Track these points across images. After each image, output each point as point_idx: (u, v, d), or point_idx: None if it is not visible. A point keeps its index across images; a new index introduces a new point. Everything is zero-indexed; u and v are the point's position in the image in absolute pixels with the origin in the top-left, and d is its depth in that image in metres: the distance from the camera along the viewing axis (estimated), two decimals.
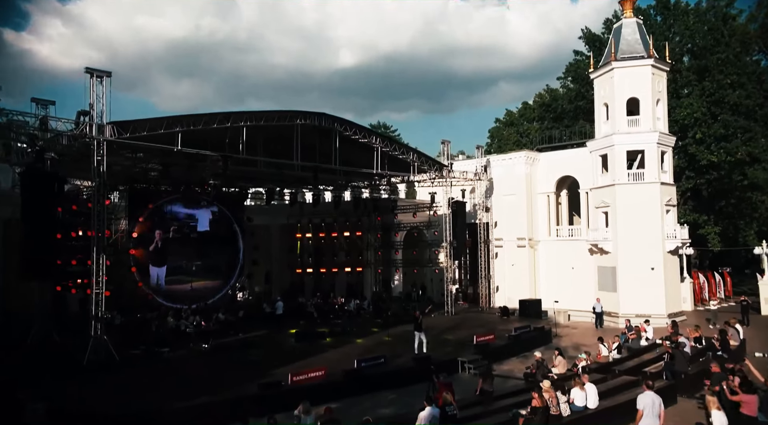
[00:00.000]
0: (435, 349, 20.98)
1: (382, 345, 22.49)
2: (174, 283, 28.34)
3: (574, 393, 12.32)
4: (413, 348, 20.01)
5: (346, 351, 21.38)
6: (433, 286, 38.17)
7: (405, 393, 16.93)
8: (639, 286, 28.47)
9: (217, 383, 16.69)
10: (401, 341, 23.00)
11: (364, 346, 22.53)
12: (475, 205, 35.63)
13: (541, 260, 34.66)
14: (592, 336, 26.20)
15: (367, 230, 35.43)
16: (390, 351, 20.48)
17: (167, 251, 28.19)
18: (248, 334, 24.20)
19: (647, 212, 28.69)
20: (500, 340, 22.81)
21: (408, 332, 24.60)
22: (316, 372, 16.89)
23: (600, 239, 30.16)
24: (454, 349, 21.48)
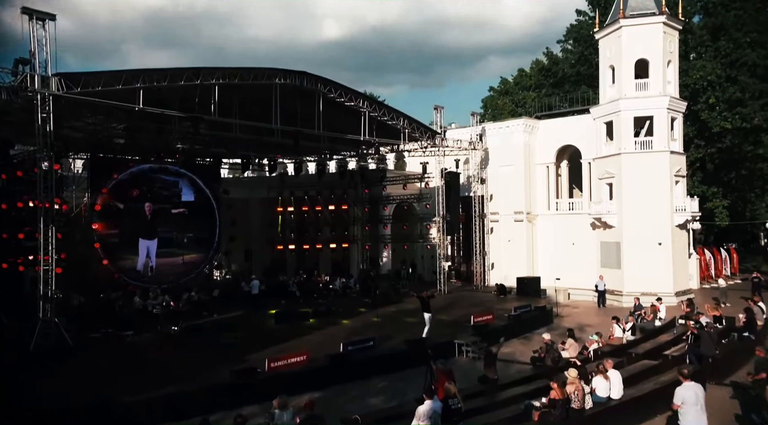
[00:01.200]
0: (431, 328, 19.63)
1: (371, 326, 21.29)
2: (164, 256, 27.45)
3: (597, 382, 10.87)
4: (423, 332, 18.68)
5: (331, 333, 20.13)
6: (423, 263, 36.92)
7: (397, 379, 15.72)
8: (645, 262, 27.40)
9: (184, 370, 15.15)
10: (391, 322, 21.91)
11: (351, 328, 21.32)
12: (469, 177, 34.22)
13: (539, 235, 33.51)
14: (595, 315, 25.56)
15: (354, 203, 34.04)
16: (379, 333, 19.27)
17: (156, 223, 27.31)
18: (223, 315, 22.84)
19: (655, 183, 27.48)
20: (499, 321, 21.64)
21: (398, 312, 23.39)
22: (297, 357, 15.44)
23: (603, 213, 28.98)
24: (449, 331, 20.24)
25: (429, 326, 18.92)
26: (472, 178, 33.73)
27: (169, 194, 28.47)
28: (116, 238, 25.93)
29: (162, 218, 27.67)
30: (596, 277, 29.23)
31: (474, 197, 32.87)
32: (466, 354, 18.26)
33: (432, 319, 19.27)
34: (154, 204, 27.40)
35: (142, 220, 26.79)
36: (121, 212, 25.97)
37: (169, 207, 28.24)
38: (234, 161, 35.05)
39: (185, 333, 20.18)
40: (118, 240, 25.95)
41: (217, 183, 31.78)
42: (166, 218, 27.87)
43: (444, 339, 18.90)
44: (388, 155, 32.67)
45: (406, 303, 26.76)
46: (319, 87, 24.40)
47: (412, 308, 24.72)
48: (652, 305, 20.52)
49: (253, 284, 26.02)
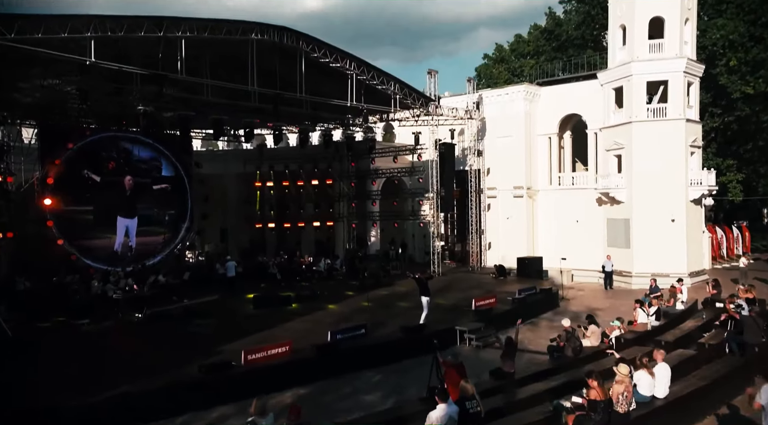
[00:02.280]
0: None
1: (361, 311, 19.93)
2: (144, 235, 26.75)
3: (639, 377, 9.36)
4: (420, 318, 17.33)
5: (317, 320, 18.73)
6: (414, 243, 35.60)
7: (392, 372, 14.50)
8: (657, 241, 26.25)
9: (147, 365, 13.55)
10: (382, 307, 20.62)
11: (339, 313, 19.91)
12: (464, 149, 32.81)
13: (540, 212, 32.20)
14: (603, 298, 24.67)
15: (339, 177, 32.72)
16: (370, 319, 17.90)
17: (137, 200, 26.63)
18: (194, 300, 21.29)
19: (669, 154, 26.18)
20: (503, 304, 20.38)
21: (390, 296, 22.07)
22: (279, 347, 13.96)
23: (611, 187, 27.70)
24: (448, 316, 18.88)
25: (427, 311, 17.56)
26: (467, 150, 32.33)
27: (148, 167, 27.37)
28: (90, 215, 24.78)
29: (141, 193, 26.75)
30: (602, 257, 28.09)
31: (470, 171, 31.45)
32: (469, 342, 16.97)
33: (431, 303, 17.75)
34: (134, 178, 26.43)
35: (121, 196, 25.75)
36: (97, 186, 24.81)
37: (150, 182, 27.27)
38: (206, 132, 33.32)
39: (150, 320, 18.62)
40: (93, 218, 24.87)
41: (188, 156, 30.09)
42: (146, 193, 26.93)
43: (443, 326, 17.56)
44: (376, 126, 30.91)
45: (398, 286, 25.63)
46: (301, 45, 22.54)
47: (404, 292, 23.72)
48: (672, 287, 19.20)
49: (229, 266, 24.41)
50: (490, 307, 19.52)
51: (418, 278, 17.95)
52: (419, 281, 17.80)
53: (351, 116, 28.74)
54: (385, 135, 30.86)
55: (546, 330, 18.95)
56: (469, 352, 16.37)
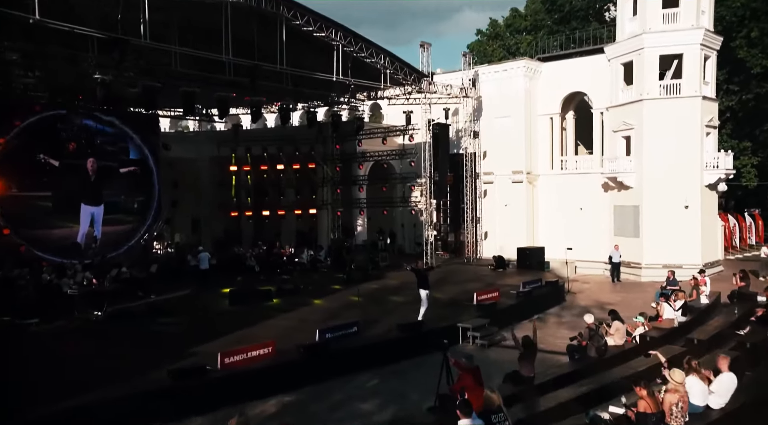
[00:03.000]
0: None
1: (350, 307, 18.95)
2: (111, 224, 25.82)
3: (691, 383, 8.35)
4: (419, 314, 16.50)
5: (302, 317, 17.73)
6: (404, 233, 34.85)
7: (390, 375, 13.52)
8: (669, 229, 25.55)
9: (108, 370, 12.37)
10: (373, 302, 19.71)
11: (326, 309, 18.96)
12: (458, 131, 32.00)
13: (541, 199, 31.45)
14: (611, 292, 24.13)
15: (323, 161, 31.57)
16: (362, 315, 16.96)
17: (103, 185, 25.70)
18: (163, 296, 20.28)
19: (683, 135, 25.40)
20: (506, 298, 19.52)
21: (381, 290, 21.26)
22: (260, 349, 12.84)
23: (620, 171, 26.93)
24: (447, 311, 18.00)
25: (426, 306, 16.62)
26: (462, 132, 31.43)
27: (114, 149, 26.25)
28: (48, 201, 23.61)
29: (107, 178, 25.76)
30: (608, 247, 27.46)
31: (465, 155, 30.53)
32: (473, 341, 16.01)
33: (430, 297, 16.81)
34: (98, 161, 25.17)
35: (84, 181, 24.74)
36: (56, 170, 23.54)
37: (117, 165, 26.29)
38: (175, 111, 31.90)
39: (111, 319, 17.34)
40: (52, 205, 23.67)
41: (156, 136, 28.72)
42: (112, 178, 25.99)
43: (444, 323, 16.61)
44: (363, 105, 29.78)
45: (389, 279, 24.82)
46: (282, 11, 21.14)
47: (397, 285, 22.97)
48: (693, 278, 18.34)
49: (202, 258, 23.22)
50: (493, 302, 18.62)
51: (417, 269, 17.06)
52: (418, 272, 16.88)
53: (336, 94, 27.44)
54: (372, 116, 29.81)
55: (555, 326, 18.20)
56: (474, 352, 15.02)
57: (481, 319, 16.82)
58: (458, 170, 31.17)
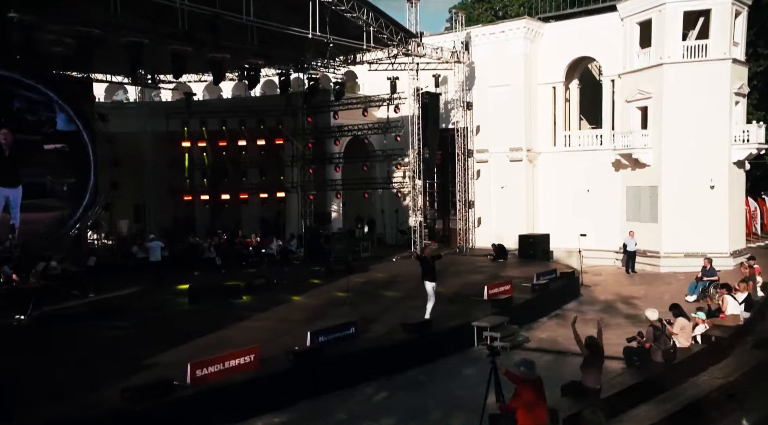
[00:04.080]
0: None
1: (337, 304, 17.58)
2: (32, 210, 24.19)
3: None
4: (425, 311, 15.14)
5: (282, 317, 16.24)
6: (384, 220, 33.45)
7: (399, 386, 12.22)
8: (691, 213, 24.74)
9: (37, 390, 10.36)
10: (364, 298, 18.39)
11: (309, 308, 17.43)
12: (447, 103, 30.75)
13: (541, 180, 30.45)
14: (630, 284, 23.56)
15: (293, 136, 29.84)
16: (353, 314, 15.67)
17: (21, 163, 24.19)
18: (104, 295, 18.73)
19: (709, 103, 24.50)
20: (521, 292, 18.45)
21: (368, 284, 20.23)
22: (241, 357, 11.22)
23: (635, 147, 26.01)
24: (454, 308, 16.68)
25: (434, 301, 15.20)
26: (451, 104, 30.28)
27: (37, 120, 24.55)
28: None
29: (27, 155, 24.20)
30: (619, 234, 27.00)
31: (456, 131, 29.29)
32: (491, 343, 14.45)
33: (436, 290, 15.39)
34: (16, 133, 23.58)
35: None
36: None
37: (40, 140, 24.71)
38: (113, 78, 29.63)
39: (40, 323, 15.38)
40: None
41: (90, 105, 26.66)
42: (34, 155, 24.43)
43: (456, 321, 15.35)
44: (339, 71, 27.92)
45: (376, 272, 23.57)
46: None
47: (386, 279, 21.95)
48: (746, 267, 17.24)
49: (153, 248, 21.38)
50: (508, 296, 17.30)
51: (423, 257, 15.53)
52: (423, 261, 15.40)
53: (309, 56, 25.51)
54: (347, 84, 28.02)
55: (580, 325, 16.58)
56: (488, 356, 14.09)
57: (498, 317, 15.59)
58: (447, 148, 30.09)
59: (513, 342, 14.75)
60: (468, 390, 11.58)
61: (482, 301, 17.16)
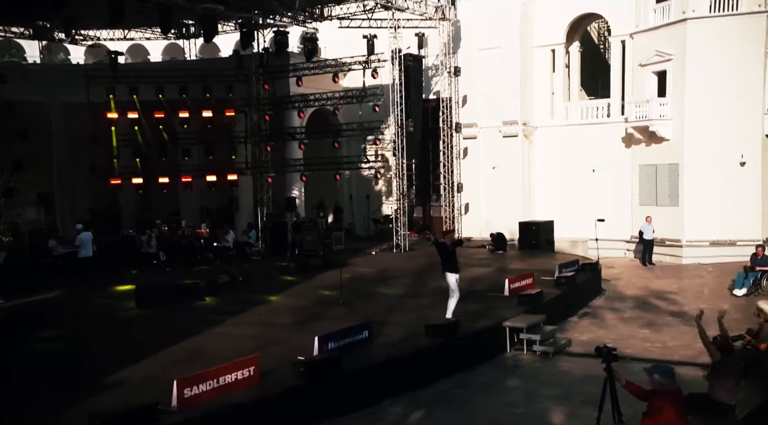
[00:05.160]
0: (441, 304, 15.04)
1: (328, 305, 16.62)
2: None
3: None
4: (447, 310, 14.25)
5: (264, 322, 15.01)
6: (352, 208, 32.54)
7: (431, 402, 11.28)
8: (718, 194, 24.71)
9: None
10: (357, 296, 17.45)
11: (292, 309, 16.22)
12: (428, 69, 30.12)
13: (538, 159, 30.17)
14: (655, 277, 23.56)
15: (247, 107, 28.82)
16: (352, 315, 14.87)
17: None
18: (16, 300, 17.41)
19: (740, 66, 24.34)
20: (543, 287, 17.46)
21: (358, 281, 19.65)
22: (237, 371, 9.86)
23: (652, 118, 25.82)
24: (474, 306, 15.56)
25: (458, 297, 14.22)
26: (433, 70, 30.01)
27: None
28: None
29: None
30: (631, 219, 27.05)
31: (441, 102, 28.86)
32: (528, 347, 13.84)
33: (460, 284, 14.44)
34: None
35: None
36: None
37: None
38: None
39: None
40: None
41: None
42: None
43: (484, 322, 14.31)
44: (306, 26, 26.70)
45: (359, 266, 22.61)
46: None
47: (375, 274, 21.30)
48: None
49: (84, 240, 19.82)
50: (536, 291, 16.50)
51: (442, 243, 14.39)
52: (442, 248, 14.28)
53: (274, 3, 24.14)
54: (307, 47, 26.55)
55: (621, 324, 16.58)
56: (531, 362, 13.45)
57: (532, 315, 14.77)
58: (427, 123, 29.64)
59: (556, 347, 13.87)
60: (522, 407, 10.85)
61: (503, 297, 16.52)
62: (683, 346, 13.62)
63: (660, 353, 13.38)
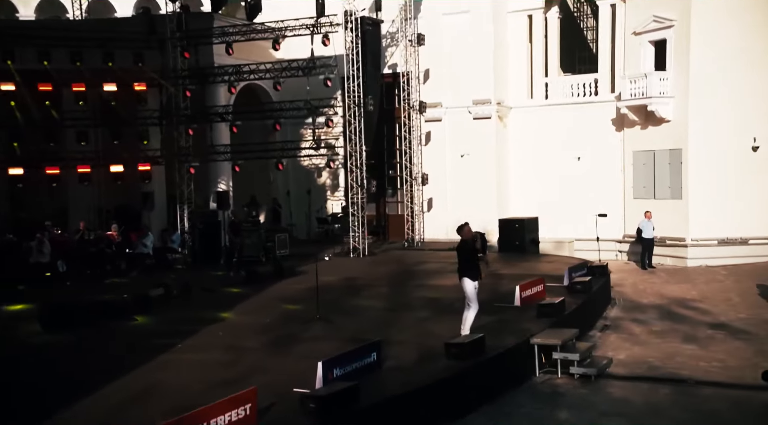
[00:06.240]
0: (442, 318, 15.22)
1: (297, 321, 15.85)
2: None
3: None
4: (463, 324, 13.77)
5: (226, 345, 13.94)
6: (290, 205, 32.19)
7: None
8: (727, 185, 25.43)
9: None
10: (328, 309, 16.37)
11: (256, 328, 15.41)
12: (382, 38, 29.57)
13: (513, 144, 30.26)
14: (662, 283, 23.82)
15: (162, 80, 27.69)
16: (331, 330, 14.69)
17: None
18: None
19: (753, 34, 25.19)
20: (555, 295, 17.30)
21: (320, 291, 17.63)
22: (233, 410, 8.81)
23: (653, 96, 26.15)
24: (487, 319, 14.83)
25: (476, 309, 13.54)
26: (389, 39, 29.92)
27: None
28: None
29: None
30: (626, 216, 27.56)
31: (398, 77, 29.00)
32: (563, 368, 13.22)
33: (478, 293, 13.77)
34: None
35: None
36: None
37: None
38: None
39: None
40: None
41: None
42: None
43: (504, 339, 13.52)
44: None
45: (314, 274, 21.04)
46: None
47: (339, 283, 20.32)
48: None
49: None
50: (558, 301, 15.97)
51: (467, 243, 13.91)
52: (464, 249, 13.79)
53: None
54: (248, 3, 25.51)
55: (656, 339, 16.27)
56: (573, 388, 12.78)
57: (561, 330, 14.17)
58: (382, 102, 29.32)
59: (599, 368, 13.21)
60: None
61: (513, 308, 16.25)
62: (749, 366, 13.18)
63: (728, 375, 12.95)
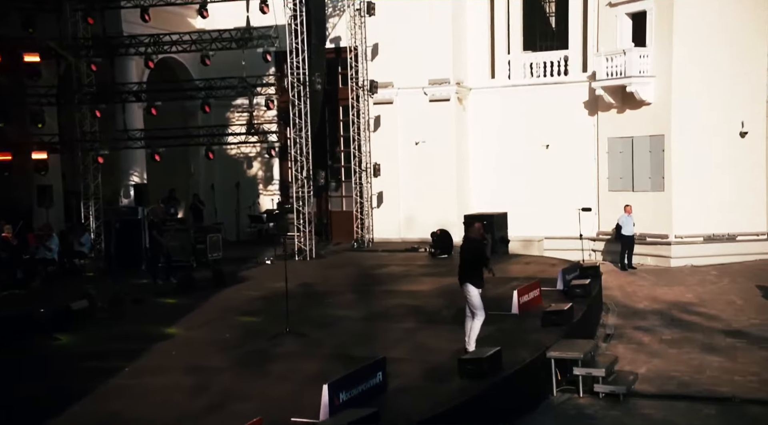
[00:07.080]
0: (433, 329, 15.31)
1: (260, 335, 15.54)
2: None
3: None
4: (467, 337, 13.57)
5: (189, 367, 13.24)
6: (214, 200, 31.70)
7: None
8: (714, 175, 25.93)
9: None
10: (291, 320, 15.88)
11: (214, 345, 14.90)
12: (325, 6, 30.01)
13: (474, 130, 30.33)
14: (650, 285, 23.50)
15: (60, 50, 26.64)
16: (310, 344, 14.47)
17: None
18: None
19: (742, 10, 25.71)
20: (552, 300, 17.55)
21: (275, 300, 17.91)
22: None
23: (632, 75, 26.42)
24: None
25: (483, 318, 13.23)
26: (333, 8, 29.98)
27: None
28: None
29: None
30: (599, 210, 27.73)
31: (342, 53, 29.28)
32: (585, 387, 13.04)
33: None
34: None
35: None
36: None
37: None
38: None
39: None
40: None
41: None
42: None
43: (514, 352, 13.18)
44: None
45: (261, 281, 22.00)
46: None
47: (296, 291, 18.86)
48: None
49: None
50: (566, 307, 15.91)
51: (472, 239, 13.85)
52: (470, 245, 13.67)
53: None
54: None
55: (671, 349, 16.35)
56: (601, 409, 12.60)
57: (577, 341, 14.16)
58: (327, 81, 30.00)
59: (628, 386, 12.99)
60: None
61: (511, 316, 16.10)
62: None
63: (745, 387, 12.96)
